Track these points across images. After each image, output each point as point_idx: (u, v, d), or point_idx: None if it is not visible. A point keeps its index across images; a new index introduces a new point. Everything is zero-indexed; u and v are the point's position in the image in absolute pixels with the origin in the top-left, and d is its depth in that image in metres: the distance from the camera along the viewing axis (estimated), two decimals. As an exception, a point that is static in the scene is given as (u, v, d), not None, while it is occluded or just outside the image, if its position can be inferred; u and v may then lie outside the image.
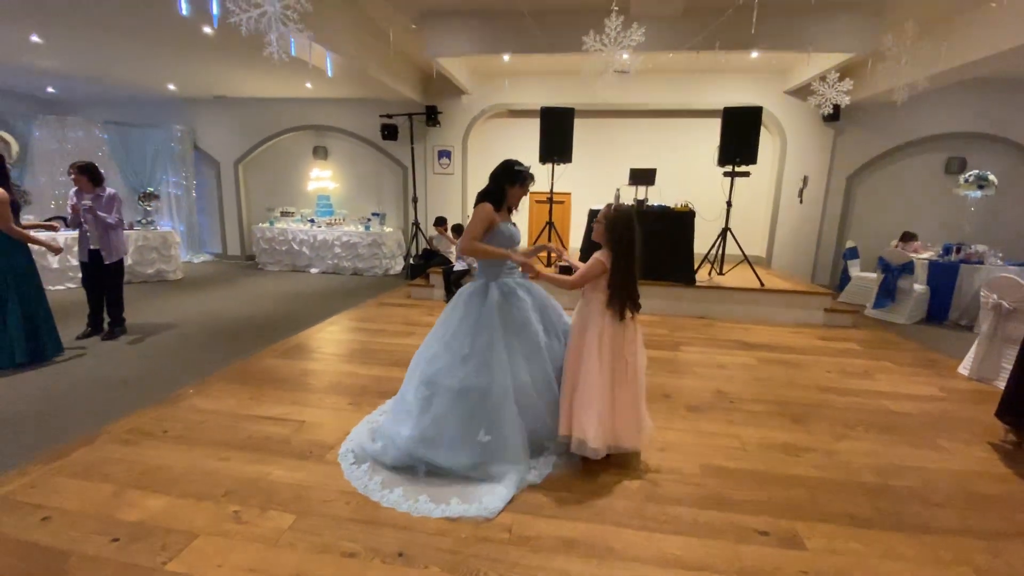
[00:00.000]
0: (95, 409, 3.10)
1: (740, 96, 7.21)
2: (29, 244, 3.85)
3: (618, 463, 2.59)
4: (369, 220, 8.26)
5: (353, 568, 1.83)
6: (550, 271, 2.66)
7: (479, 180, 8.36)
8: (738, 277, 6.20)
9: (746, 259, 6.12)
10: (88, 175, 4.35)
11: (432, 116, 7.79)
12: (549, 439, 2.54)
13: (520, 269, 2.75)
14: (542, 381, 2.56)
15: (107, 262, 4.44)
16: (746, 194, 8.04)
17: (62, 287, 6.45)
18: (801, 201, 7.59)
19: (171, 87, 7.97)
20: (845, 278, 7.20)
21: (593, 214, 6.03)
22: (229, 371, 3.79)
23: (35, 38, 5.54)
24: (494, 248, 2.60)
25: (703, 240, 6.39)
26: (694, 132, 8.10)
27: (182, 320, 5.29)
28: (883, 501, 2.34)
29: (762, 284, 5.85)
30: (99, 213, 4.31)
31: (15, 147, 7.40)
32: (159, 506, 2.15)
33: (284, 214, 8.65)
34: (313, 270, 8.28)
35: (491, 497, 2.18)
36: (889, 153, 7.28)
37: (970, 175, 6.17)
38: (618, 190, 6.21)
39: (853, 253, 7.16)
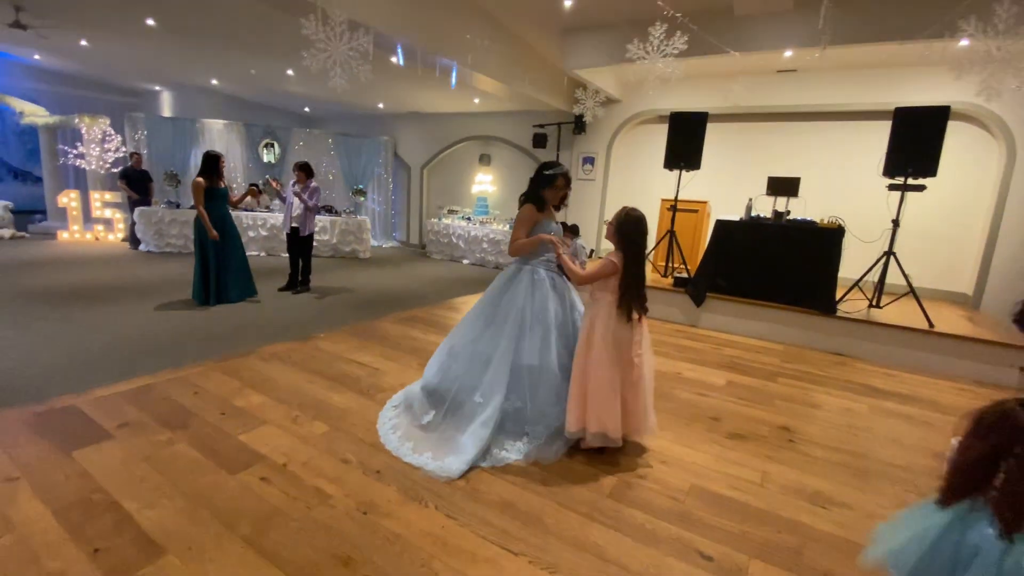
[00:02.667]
0: (260, 337, 4.36)
1: (941, 93, 5.81)
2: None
3: (610, 461, 2.65)
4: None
5: (341, 469, 2.41)
6: (569, 260, 2.82)
7: (620, 186, 8.49)
8: (901, 314, 5.09)
9: (912, 291, 4.98)
10: (304, 171, 5.89)
11: (579, 124, 8.15)
12: (535, 423, 2.70)
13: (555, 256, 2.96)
14: (545, 366, 2.75)
15: (302, 234, 5.94)
16: (952, 216, 6.42)
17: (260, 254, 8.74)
18: (1037, 228, 5.72)
19: (380, 105, 10.03)
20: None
21: (720, 226, 5.69)
22: (356, 327, 4.84)
23: (289, 71, 7.69)
24: (532, 239, 2.86)
25: (861, 265, 5.41)
26: (866, 136, 6.75)
27: (354, 287, 6.75)
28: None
29: (931, 324, 4.72)
30: (304, 198, 5.82)
31: (277, 151, 10.26)
32: (257, 401, 3.07)
33: (450, 212, 10.04)
34: (465, 261, 9.45)
35: (454, 459, 2.50)
36: None
37: None
38: (751, 200, 5.67)
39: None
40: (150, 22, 6.20)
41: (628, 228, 2.56)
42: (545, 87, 7.23)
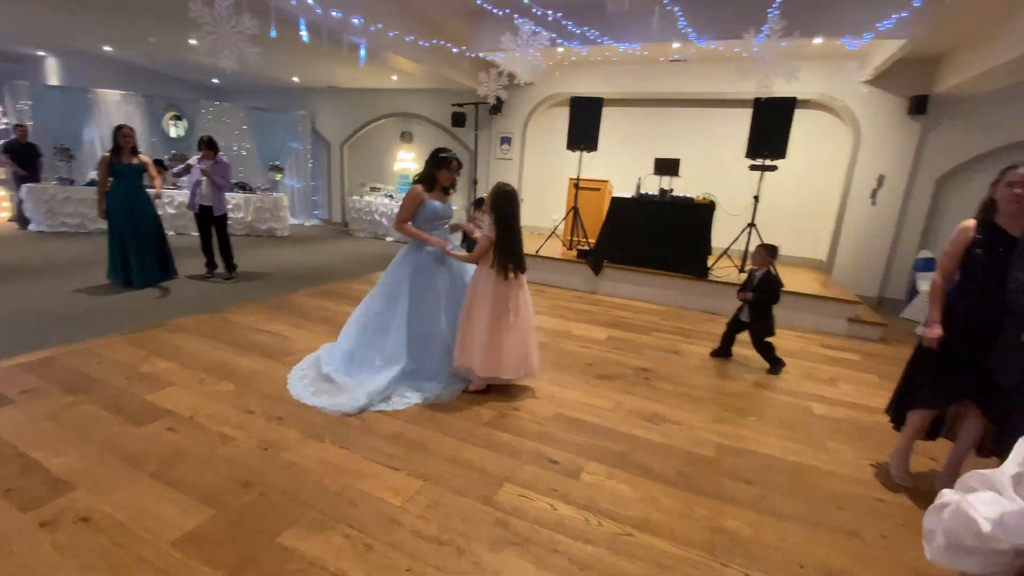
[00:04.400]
0: (168, 313, 4.41)
1: (808, 85, 6.70)
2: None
3: (492, 400, 3.11)
4: (436, 198, 9.31)
5: (245, 419, 2.69)
6: (459, 251, 3.24)
7: (535, 165, 8.95)
8: (760, 276, 5.96)
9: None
10: (210, 147, 5.61)
11: (496, 105, 8.46)
12: (429, 380, 3.14)
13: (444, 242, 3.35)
14: (437, 331, 3.18)
15: (216, 214, 5.73)
16: (807, 191, 7.45)
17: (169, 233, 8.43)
18: (874, 203, 6.83)
19: (295, 79, 9.78)
20: (913, 292, 6.41)
21: (615, 202, 6.28)
22: (269, 300, 4.98)
23: (193, 41, 7.35)
24: (416, 231, 3.20)
25: (731, 236, 6.23)
26: (737, 122, 7.64)
27: (271, 265, 6.75)
28: (694, 468, 2.56)
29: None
30: (214, 177, 5.60)
31: (184, 124, 9.77)
32: (163, 367, 3.23)
33: (372, 189, 10.08)
34: (388, 238, 9.59)
35: (346, 399, 2.88)
36: (994, 153, 6.20)
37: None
38: (640, 179, 6.32)
39: (927, 264, 6.32)
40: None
41: (500, 202, 2.97)
42: (458, 67, 7.46)
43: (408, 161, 10.19)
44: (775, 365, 4.04)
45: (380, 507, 2.07)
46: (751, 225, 5.91)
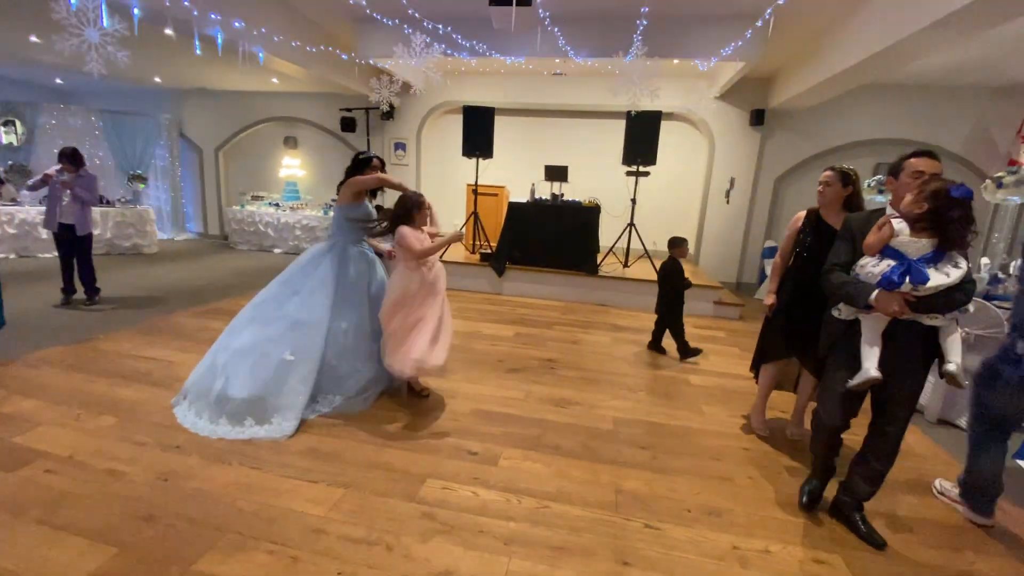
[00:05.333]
0: (24, 346, 3.82)
1: (671, 100, 7.60)
2: None
3: (408, 404, 3.17)
4: (329, 205, 8.97)
5: (136, 451, 2.48)
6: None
7: (432, 172, 9.03)
8: (641, 270, 6.65)
9: (646, 253, 6.57)
10: (72, 160, 4.81)
11: (388, 112, 8.41)
12: (348, 378, 3.07)
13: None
14: (359, 328, 3.13)
15: (79, 234, 4.93)
16: (676, 193, 8.44)
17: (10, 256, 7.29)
18: (728, 202, 7.94)
19: (157, 79, 8.81)
20: (763, 275, 7.56)
21: (512, 207, 6.59)
22: (143, 324, 4.50)
23: (34, 38, 6.35)
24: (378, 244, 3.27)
25: (615, 235, 6.87)
26: (614, 132, 8.48)
27: (140, 285, 6.04)
28: (596, 442, 2.86)
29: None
30: (77, 191, 4.82)
31: (21, 130, 8.35)
32: (29, 406, 2.84)
33: (255, 198, 9.42)
34: (277, 250, 9.04)
35: (279, 418, 2.73)
36: (819, 156, 7.58)
37: (872, 180, 6.46)
38: (533, 184, 6.72)
39: (772, 252, 7.50)
40: None
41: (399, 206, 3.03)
42: (348, 73, 7.30)
43: (294, 168, 9.67)
44: (686, 353, 4.37)
45: (302, 520, 2.07)
46: (631, 225, 6.57)
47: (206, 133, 9.96)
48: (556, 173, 6.70)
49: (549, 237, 6.42)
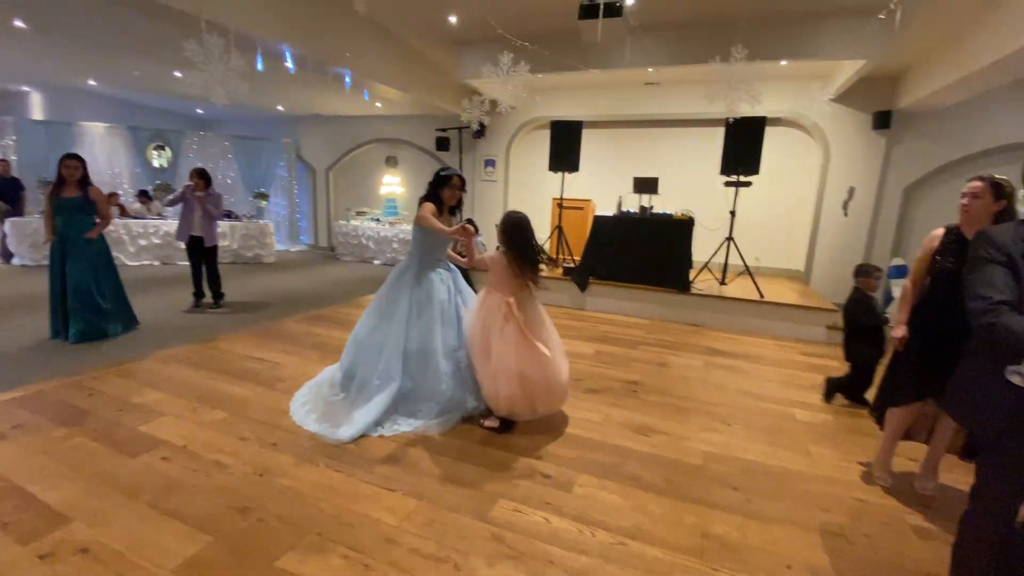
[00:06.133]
0: (157, 343, 4.41)
1: (777, 104, 7.02)
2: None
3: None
4: (422, 220, 9.43)
5: (239, 445, 2.71)
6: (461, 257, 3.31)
7: (519, 187, 9.14)
8: (741, 288, 6.14)
9: (747, 270, 6.05)
10: (203, 178, 5.45)
11: (480, 130, 8.67)
12: (426, 401, 3.07)
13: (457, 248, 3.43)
14: (431, 350, 3.12)
15: (207, 245, 5.60)
16: (782, 204, 7.72)
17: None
18: (846, 214, 7.10)
19: (280, 107, 9.92)
20: (888, 298, 6.63)
21: (597, 220, 6.45)
22: (257, 328, 4.99)
23: (178, 73, 7.47)
24: (447, 228, 3.09)
25: (711, 250, 6.42)
26: (710, 140, 7.95)
27: (258, 292, 6.76)
28: (681, 476, 2.63)
29: (761, 295, 5.77)
30: (208, 206, 5.50)
31: (169, 154, 9.83)
32: (155, 397, 3.24)
33: (358, 213, 10.17)
34: (376, 261, 9.65)
35: (345, 428, 2.87)
36: (958, 163, 6.54)
37: (1030, 190, 5.43)
38: (620, 197, 6.51)
39: (900, 272, 6.56)
40: (20, 24, 5.82)
41: (508, 229, 3.00)
42: (442, 94, 7.66)
43: (394, 185, 10.32)
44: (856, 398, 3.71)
45: (377, 528, 2.11)
46: (729, 239, 6.11)
47: (319, 154, 11.01)
48: (645, 185, 6.45)
49: (636, 251, 6.17)
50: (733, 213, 6.08)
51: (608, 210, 6.72)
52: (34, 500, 2.15)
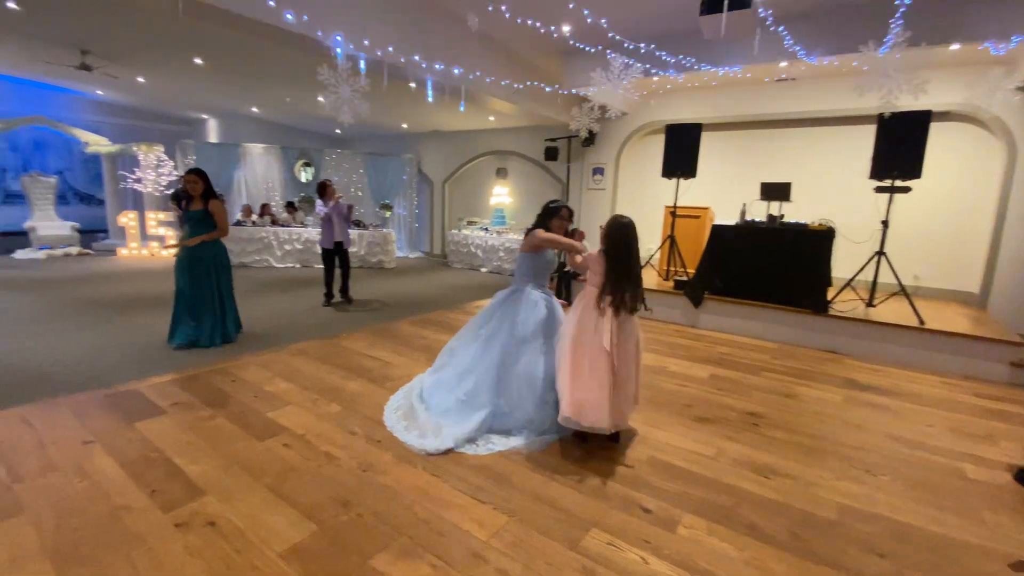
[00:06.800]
0: (290, 337, 4.92)
1: (943, 96, 5.90)
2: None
3: (580, 437, 3.01)
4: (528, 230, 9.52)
5: (348, 439, 2.87)
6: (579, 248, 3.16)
7: (629, 195, 8.81)
8: (896, 312, 5.22)
9: (902, 290, 5.12)
10: (326, 188, 6.12)
11: (589, 138, 8.54)
12: (521, 427, 3.01)
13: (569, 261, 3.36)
14: (533, 376, 3.06)
15: (346, 248, 6.36)
16: (950, 213, 6.46)
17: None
18: (1041, 225, 5.72)
19: (404, 126, 10.72)
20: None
21: (717, 230, 5.96)
22: (374, 327, 5.36)
23: (321, 98, 8.39)
24: (563, 240, 3.16)
25: (856, 265, 5.55)
26: (854, 140, 6.87)
27: (378, 294, 7.30)
28: (811, 532, 2.25)
29: (921, 322, 4.85)
30: (346, 214, 6.27)
31: (312, 170, 11.11)
32: (284, 387, 3.59)
33: (469, 223, 10.58)
34: (483, 269, 9.94)
35: (433, 440, 2.87)
36: None
37: None
38: (744, 205, 5.91)
39: None
40: (197, 61, 7.01)
41: (612, 233, 2.87)
42: (552, 104, 7.67)
43: (503, 196, 10.59)
44: None
45: (466, 540, 2.08)
46: (880, 253, 5.24)
47: (437, 168, 11.70)
48: (775, 191, 5.79)
49: (762, 265, 5.56)
50: (886, 223, 5.21)
51: (729, 219, 6.16)
52: (179, 472, 2.46)
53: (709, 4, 3.91)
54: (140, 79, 8.55)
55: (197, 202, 4.40)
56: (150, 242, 10.12)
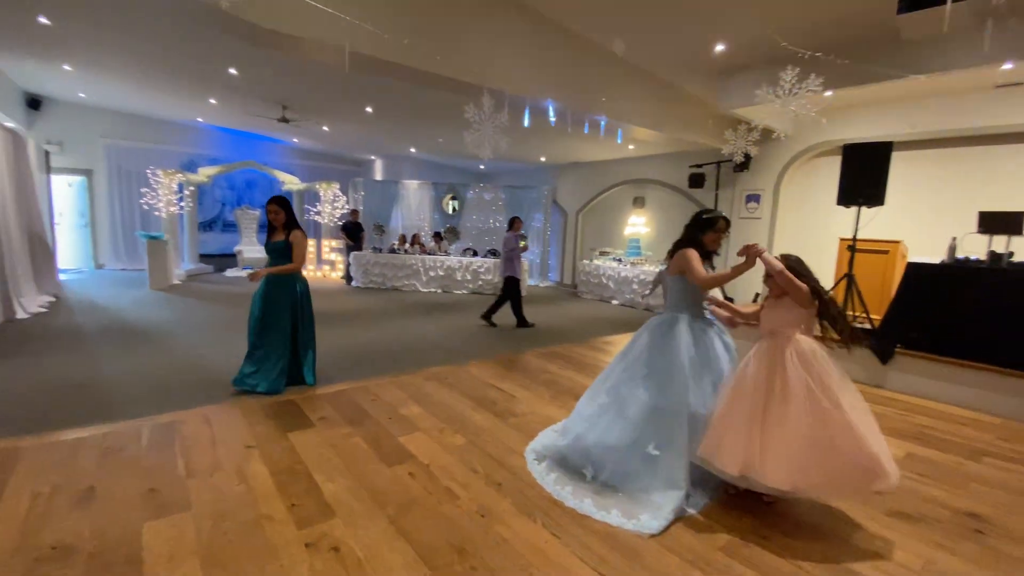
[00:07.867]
0: (427, 360, 5.11)
1: None
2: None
3: (732, 517, 2.53)
4: (664, 263, 8.90)
5: (470, 477, 2.78)
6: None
7: (792, 224, 7.75)
8: None
9: None
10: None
11: (744, 163, 7.76)
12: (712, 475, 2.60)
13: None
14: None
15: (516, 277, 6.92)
16: None
17: (437, 291, 9.94)
18: None
19: (542, 159, 10.97)
20: None
21: (914, 269, 4.88)
22: (503, 356, 5.35)
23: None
24: (724, 272, 2.75)
25: None
26: None
27: (509, 322, 7.33)
28: None
29: None
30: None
31: (458, 204, 11.93)
32: (416, 411, 3.68)
33: (602, 253, 10.29)
34: (614, 301, 9.52)
35: (649, 517, 2.42)
36: None
37: None
38: (955, 239, 4.71)
39: None
40: (368, 110, 7.99)
41: (799, 266, 2.49)
42: (700, 128, 7.16)
43: (639, 225, 10.14)
44: None
45: (588, 623, 1.79)
46: None
47: (571, 198, 11.71)
48: (1000, 223, 4.53)
49: (980, 315, 4.35)
50: None
51: (929, 255, 4.99)
52: (315, 489, 2.58)
53: (911, 0, 3.22)
54: (324, 128, 10.06)
55: (279, 232, 3.97)
56: (323, 266, 11.68)
